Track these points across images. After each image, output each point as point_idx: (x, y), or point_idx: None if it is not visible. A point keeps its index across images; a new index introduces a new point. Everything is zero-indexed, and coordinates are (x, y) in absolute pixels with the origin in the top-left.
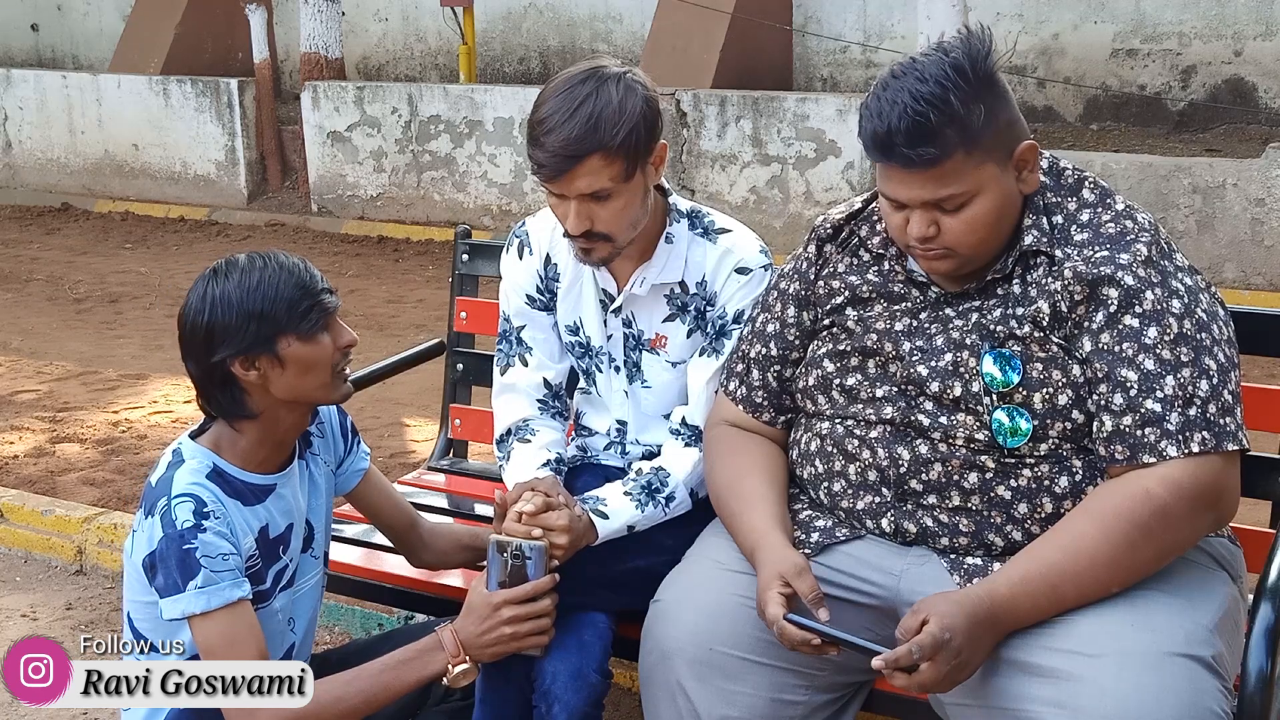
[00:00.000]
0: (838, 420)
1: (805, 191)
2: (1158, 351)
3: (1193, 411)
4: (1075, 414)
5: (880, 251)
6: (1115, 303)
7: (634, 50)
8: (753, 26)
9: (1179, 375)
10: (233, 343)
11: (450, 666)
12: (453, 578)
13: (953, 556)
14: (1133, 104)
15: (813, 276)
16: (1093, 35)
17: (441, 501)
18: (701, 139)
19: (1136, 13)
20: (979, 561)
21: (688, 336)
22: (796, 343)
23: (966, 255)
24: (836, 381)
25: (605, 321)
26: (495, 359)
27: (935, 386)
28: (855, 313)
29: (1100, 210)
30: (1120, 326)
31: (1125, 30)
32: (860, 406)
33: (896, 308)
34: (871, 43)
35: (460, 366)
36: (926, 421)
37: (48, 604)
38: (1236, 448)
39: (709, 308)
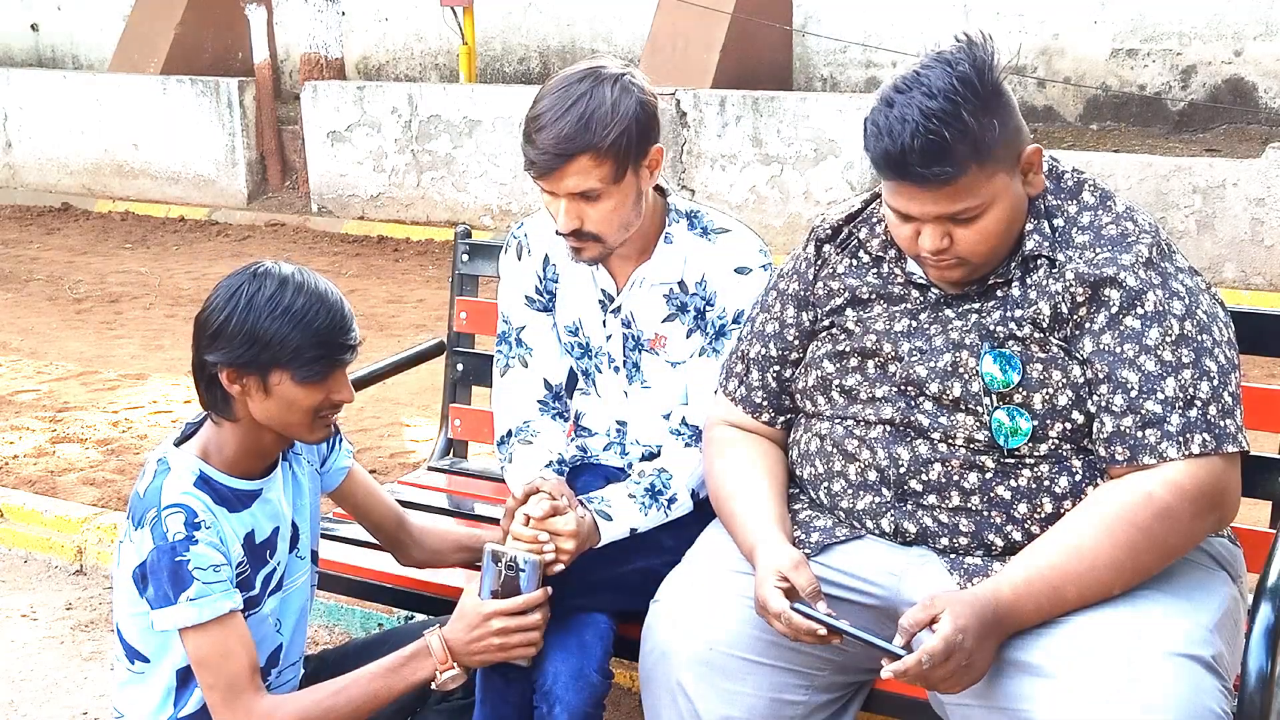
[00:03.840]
0: (837, 420)
1: (805, 191)
2: (1159, 353)
3: (1193, 413)
4: (1075, 414)
5: (880, 254)
6: (1117, 304)
7: (634, 50)
8: (753, 26)
9: (1180, 377)
10: (229, 352)
11: (438, 672)
12: (452, 577)
13: (952, 556)
14: (1133, 104)
15: (811, 277)
16: (1093, 35)
17: (441, 501)
18: (701, 139)
19: (1136, 13)
20: (979, 561)
21: (687, 337)
22: (796, 343)
23: (979, 263)
24: (836, 382)
25: (604, 322)
26: (495, 360)
27: (935, 387)
28: (855, 314)
29: (1101, 213)
30: (1121, 328)
31: (1125, 30)
32: (860, 407)
33: (896, 309)
34: (871, 43)
35: (460, 366)
36: (926, 422)
37: (48, 604)
38: (1236, 450)
39: (708, 307)
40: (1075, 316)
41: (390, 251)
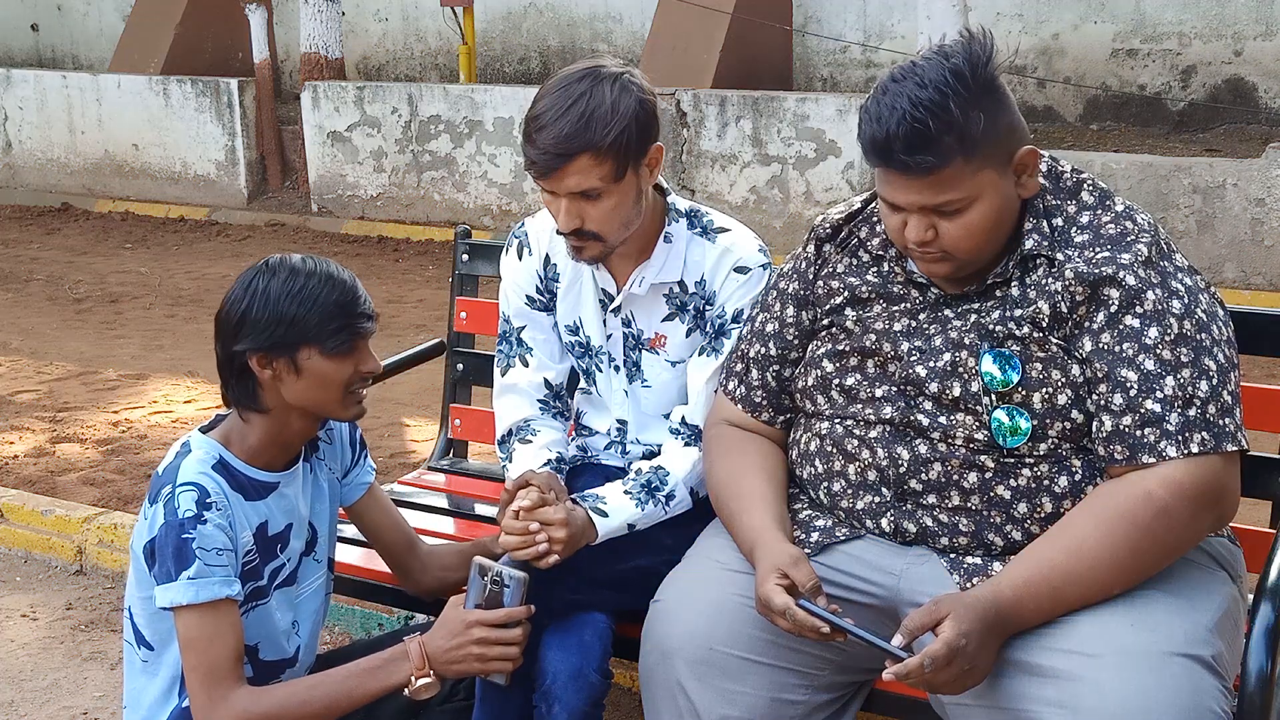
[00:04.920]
0: (837, 420)
1: (805, 191)
2: (1158, 352)
3: (1192, 412)
4: (1074, 414)
5: (880, 253)
6: (1116, 303)
7: (634, 50)
8: (753, 26)
9: (1179, 376)
10: (256, 338)
11: (413, 678)
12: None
13: (952, 556)
14: (1133, 104)
15: (811, 276)
16: (1093, 35)
17: (441, 501)
18: (701, 139)
19: (1136, 13)
20: (978, 561)
21: (687, 336)
22: (796, 342)
23: (964, 259)
24: (836, 381)
25: (605, 321)
26: (495, 360)
27: (934, 387)
28: (854, 313)
29: (1100, 212)
30: (1121, 326)
31: (1125, 30)
32: (860, 407)
33: (895, 308)
34: (871, 43)
35: (460, 366)
36: (926, 421)
37: (48, 604)
38: (1236, 448)
39: (708, 307)
40: (1075, 316)
41: (390, 251)
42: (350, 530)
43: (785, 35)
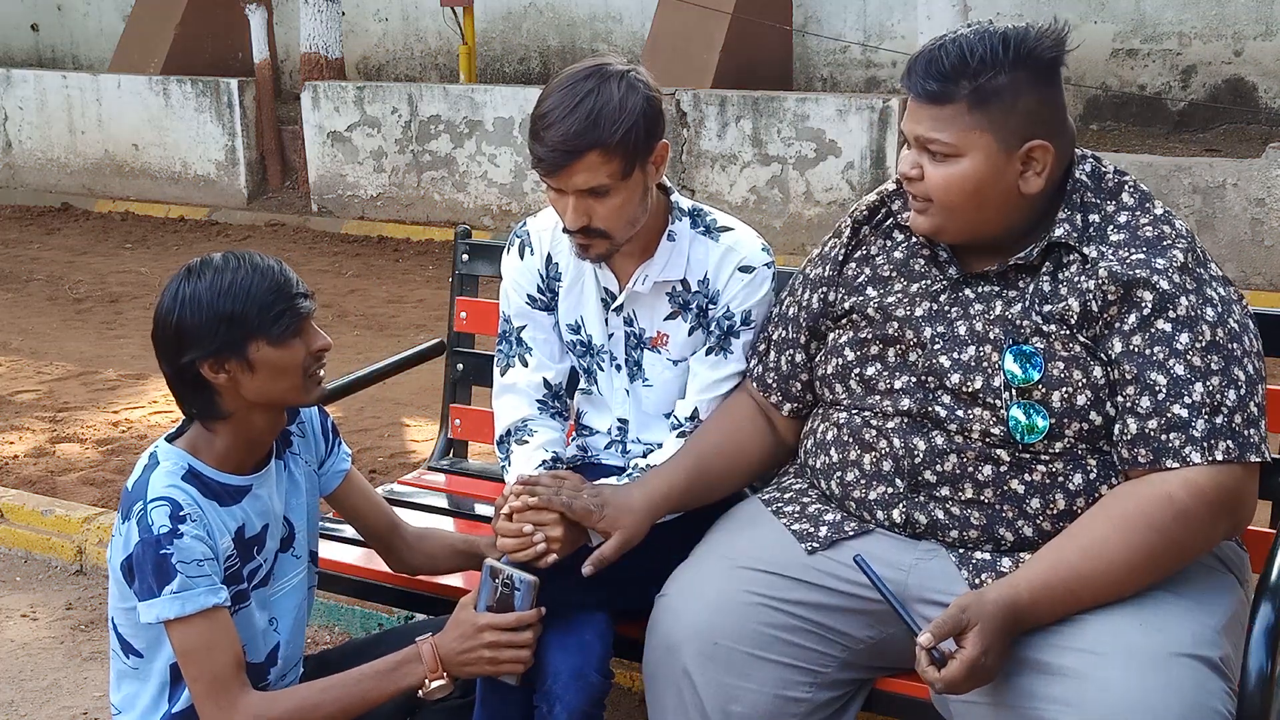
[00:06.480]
0: (855, 411)
1: (805, 191)
2: (1188, 357)
3: (1219, 420)
4: (1093, 415)
5: (909, 225)
6: (1149, 306)
7: (634, 50)
8: (753, 26)
9: (1208, 383)
10: (202, 345)
11: (427, 680)
12: (452, 578)
13: (961, 551)
14: (1133, 104)
15: (843, 258)
16: (1093, 35)
17: (441, 501)
18: (701, 139)
19: (1136, 13)
20: (987, 557)
21: (689, 334)
22: (807, 325)
23: (942, 219)
24: (855, 371)
25: (607, 320)
26: (495, 359)
27: (955, 379)
28: (876, 294)
29: (1139, 214)
30: (1152, 330)
31: (1125, 30)
32: (878, 398)
33: (915, 287)
34: (871, 43)
35: (460, 366)
36: (943, 414)
37: (48, 604)
38: (1259, 459)
39: (711, 305)
40: (1105, 315)
41: (390, 251)
42: (349, 531)
43: (785, 35)
